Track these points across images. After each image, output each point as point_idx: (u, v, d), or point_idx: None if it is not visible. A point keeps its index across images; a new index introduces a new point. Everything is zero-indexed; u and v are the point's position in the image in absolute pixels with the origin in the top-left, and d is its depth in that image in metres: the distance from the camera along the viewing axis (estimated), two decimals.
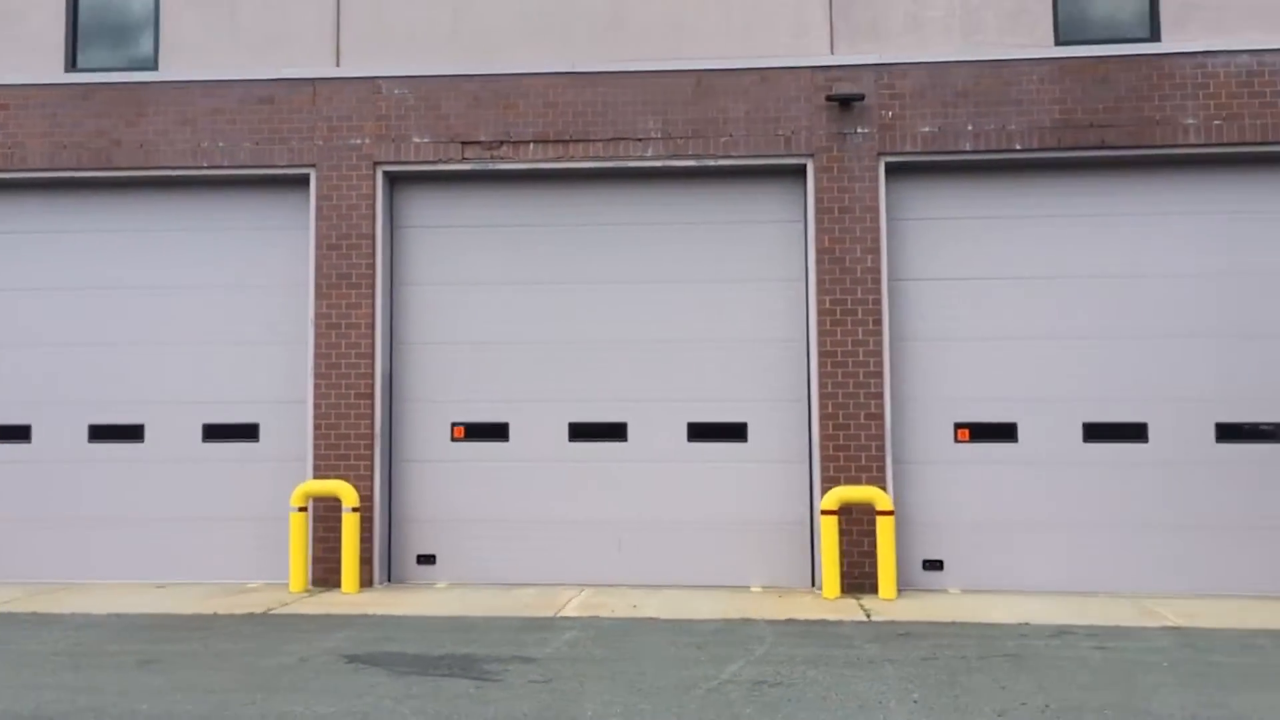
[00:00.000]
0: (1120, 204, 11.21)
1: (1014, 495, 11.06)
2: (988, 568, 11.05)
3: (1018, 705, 6.37)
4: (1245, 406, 10.89)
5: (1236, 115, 10.83)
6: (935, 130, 11.16)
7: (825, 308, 11.12)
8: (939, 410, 11.26)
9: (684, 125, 11.45)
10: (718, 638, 8.49)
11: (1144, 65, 10.98)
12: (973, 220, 11.38)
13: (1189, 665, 7.43)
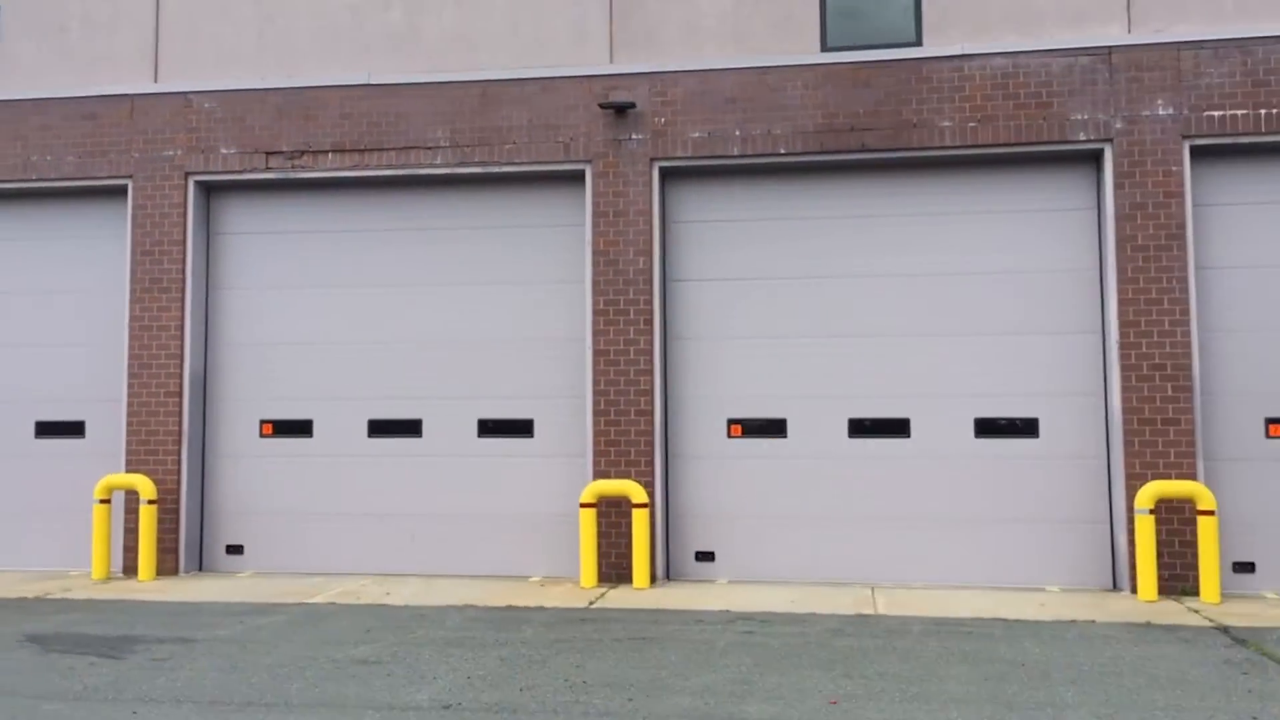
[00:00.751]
0: (881, 205, 11.54)
1: (781, 489, 11.44)
2: (753, 559, 11.46)
3: (575, 680, 6.83)
4: (1002, 402, 11.16)
5: (991, 117, 11.10)
6: (705, 136, 11.57)
7: (600, 308, 11.58)
8: (712, 407, 11.67)
9: (471, 134, 11.97)
10: (412, 622, 9.04)
11: (904, 69, 11.29)
12: (745, 223, 11.76)
13: (783, 648, 7.81)
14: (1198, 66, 10.77)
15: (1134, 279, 10.71)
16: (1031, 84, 11.07)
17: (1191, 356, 10.58)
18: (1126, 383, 10.64)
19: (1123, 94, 10.87)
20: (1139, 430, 10.59)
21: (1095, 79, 10.94)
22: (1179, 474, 10.49)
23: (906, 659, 7.56)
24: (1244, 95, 10.68)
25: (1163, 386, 10.59)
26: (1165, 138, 10.78)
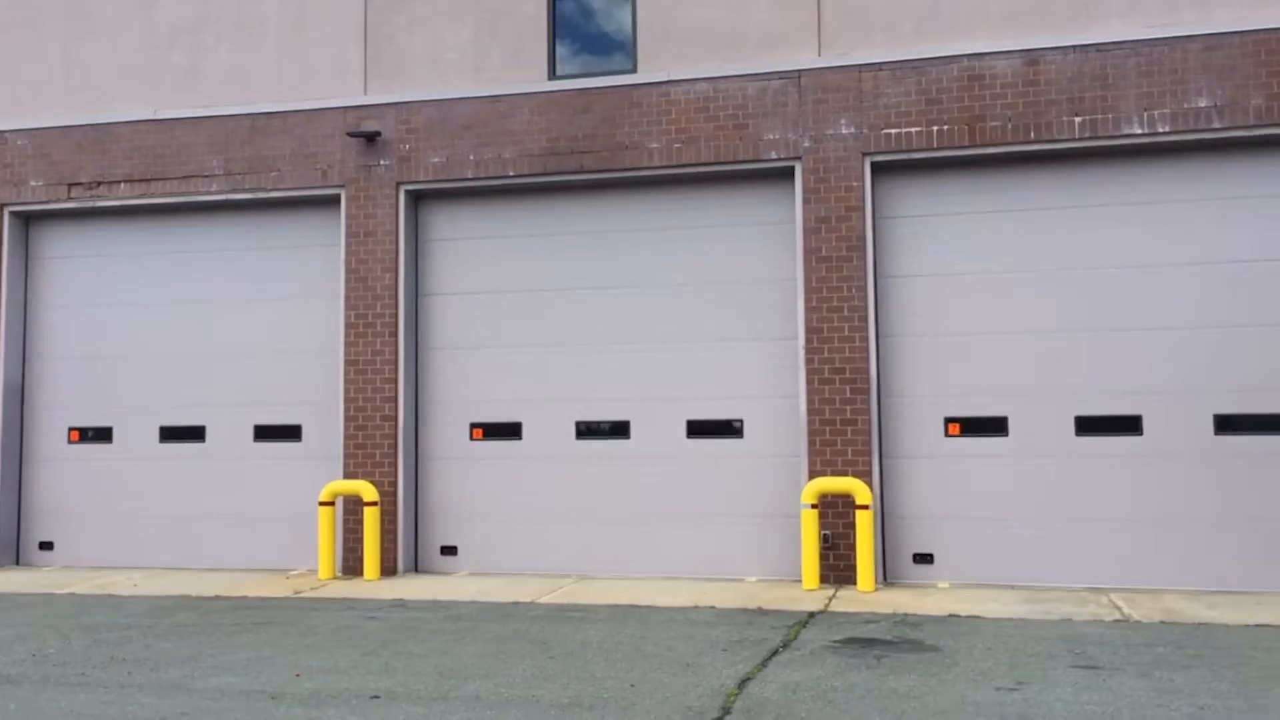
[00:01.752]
0: (601, 222, 12.43)
1: (520, 488, 12.39)
2: (495, 554, 12.42)
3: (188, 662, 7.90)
4: (713, 405, 11.96)
5: (694, 138, 11.92)
6: (443, 160, 12.56)
7: (351, 321, 12.65)
8: (458, 411, 12.68)
9: (242, 162, 13.12)
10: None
11: (618, 96, 12.15)
12: (484, 240, 12.74)
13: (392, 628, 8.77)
14: (877, 87, 11.47)
15: (818, 288, 11.46)
16: (729, 107, 11.86)
17: (869, 361, 11.30)
18: (811, 385, 11.40)
19: (810, 115, 11.61)
20: (820, 430, 11.34)
21: (786, 101, 11.70)
22: (855, 471, 11.22)
23: (433, 637, 8.47)
24: (918, 114, 11.36)
25: (842, 389, 11.33)
26: (847, 155, 11.50)
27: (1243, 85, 10.60)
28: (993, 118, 11.18)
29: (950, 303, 11.47)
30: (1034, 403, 11.19)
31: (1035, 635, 8.42)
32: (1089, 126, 10.93)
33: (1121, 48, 10.91)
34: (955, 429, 11.42)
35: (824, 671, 7.22)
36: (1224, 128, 10.64)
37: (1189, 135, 10.74)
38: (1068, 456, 11.09)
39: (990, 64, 11.22)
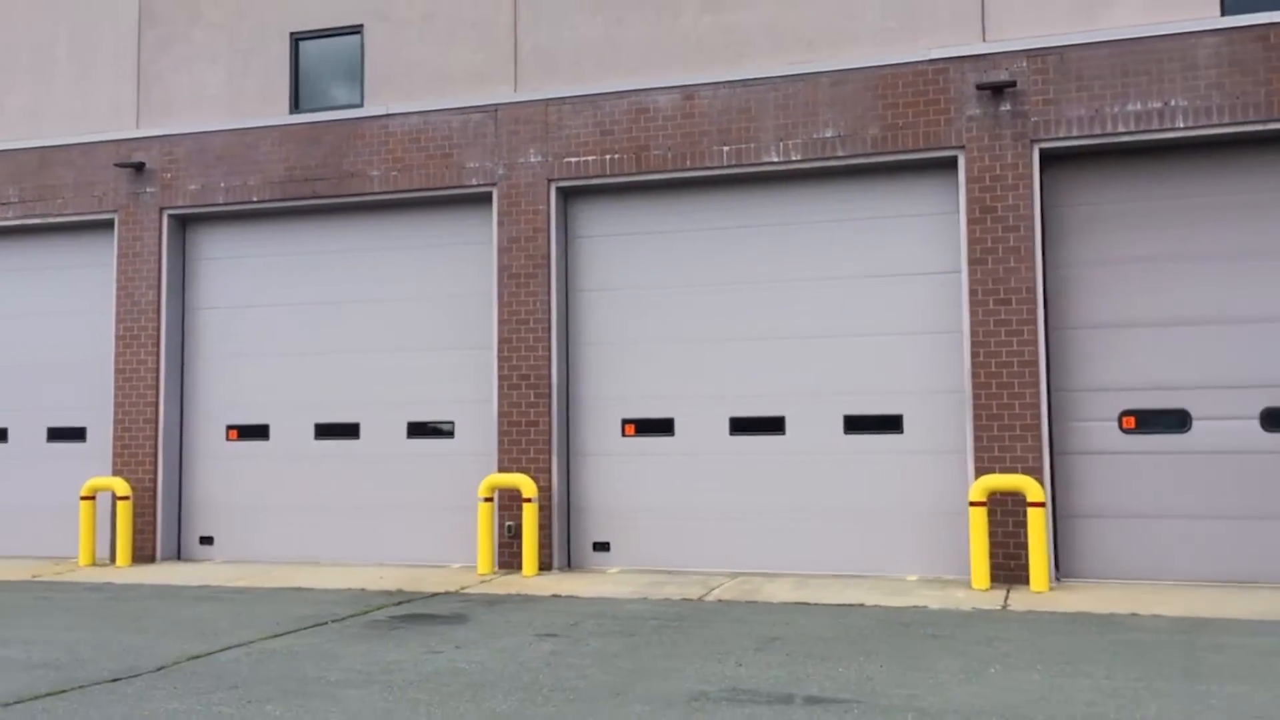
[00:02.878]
0: (334, 242, 13.80)
1: (267, 483, 13.80)
2: (250, 542, 13.84)
3: None
4: (427, 409, 13.29)
5: (409, 166, 13.26)
6: (199, 187, 14.01)
7: (120, 334, 14.13)
8: (214, 414, 14.11)
9: (34, 191, 14.65)
10: None
11: (346, 128, 13.52)
12: (237, 259, 14.17)
13: None
14: (560, 120, 12.74)
15: (509, 302, 12.75)
16: (438, 138, 13.18)
17: (551, 368, 12.56)
18: (501, 390, 12.69)
19: (505, 145, 12.91)
20: (509, 431, 12.64)
21: (485, 132, 13.00)
22: (536, 468, 12.50)
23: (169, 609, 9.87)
24: (594, 143, 12.61)
25: (528, 394, 12.61)
26: (535, 181, 12.78)
27: (862, 117, 11.75)
28: (656, 147, 12.41)
29: (629, 313, 12.70)
30: (697, 404, 12.40)
31: (585, 612, 9.66)
32: (735, 155, 12.13)
33: (764, 84, 12.08)
34: (631, 429, 12.65)
35: (329, 639, 8.54)
36: (846, 155, 11.79)
37: (818, 162, 11.90)
38: (724, 454, 12.28)
39: (654, 99, 12.44)
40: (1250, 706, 6.13)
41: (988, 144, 11.35)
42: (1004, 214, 11.26)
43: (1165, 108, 10.87)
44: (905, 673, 7.04)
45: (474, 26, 13.36)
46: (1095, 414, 11.27)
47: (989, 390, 11.18)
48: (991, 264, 11.26)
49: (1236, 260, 10.95)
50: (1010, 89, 11.27)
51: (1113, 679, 6.81)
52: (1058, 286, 11.42)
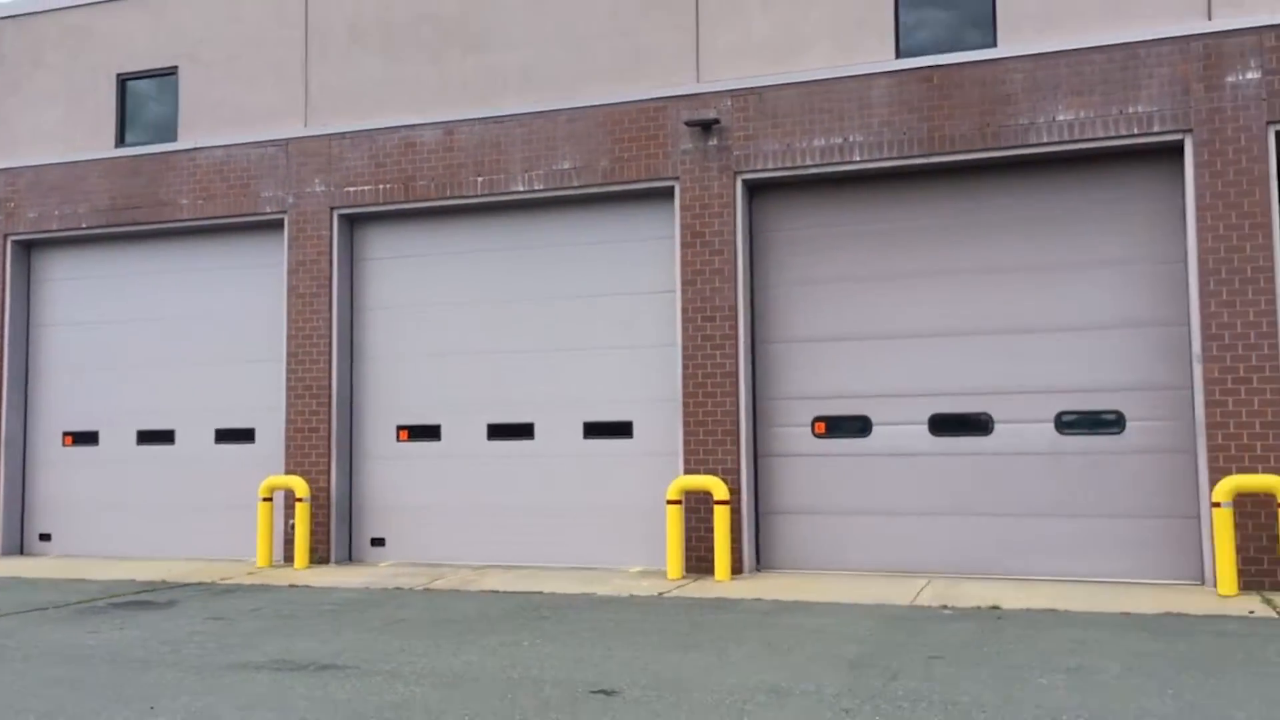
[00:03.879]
0: (157, 265, 15.19)
1: (100, 486, 15.21)
2: (89, 538, 15.25)
3: None
4: (230, 416, 14.65)
5: (214, 195, 14.63)
6: (37, 215, 15.45)
7: None
8: (53, 422, 15.55)
9: None
10: None
11: (161, 160, 14.92)
12: (77, 280, 15.58)
13: None
14: (342, 153, 14.07)
15: (296, 319, 14.09)
16: (238, 169, 14.55)
17: (332, 379, 13.88)
18: (289, 400, 14.03)
19: (295, 176, 14.25)
20: (294, 436, 13.98)
21: (279, 164, 14.35)
22: (316, 470, 13.84)
23: None
24: (369, 174, 13.93)
25: (310, 402, 13.95)
26: (320, 209, 14.11)
27: (594, 150, 12.99)
28: (421, 178, 13.71)
29: (405, 328, 14.01)
30: (459, 413, 13.69)
31: (291, 599, 10.98)
32: (488, 184, 13.41)
33: (513, 120, 13.35)
34: (405, 435, 13.96)
35: (21, 622, 9.90)
36: (581, 185, 13.03)
37: (557, 192, 13.14)
38: (483, 457, 13.56)
39: (421, 134, 13.74)
40: (689, 668, 7.34)
41: (698, 175, 12.56)
42: (711, 239, 12.47)
43: (845, 143, 12.04)
44: (438, 646, 8.30)
45: (272, 68, 14.71)
46: (792, 420, 12.46)
47: (696, 399, 12.39)
48: (700, 284, 12.46)
49: (909, 281, 12.09)
50: (716, 125, 12.47)
51: (614, 652, 8.05)
52: (762, 304, 12.62)
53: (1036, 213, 11.69)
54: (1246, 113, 10.72)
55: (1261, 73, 10.70)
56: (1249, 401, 10.55)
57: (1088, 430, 11.41)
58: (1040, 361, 11.59)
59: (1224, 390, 10.62)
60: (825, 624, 8.98)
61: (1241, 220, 10.66)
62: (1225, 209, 10.71)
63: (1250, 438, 10.53)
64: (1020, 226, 11.74)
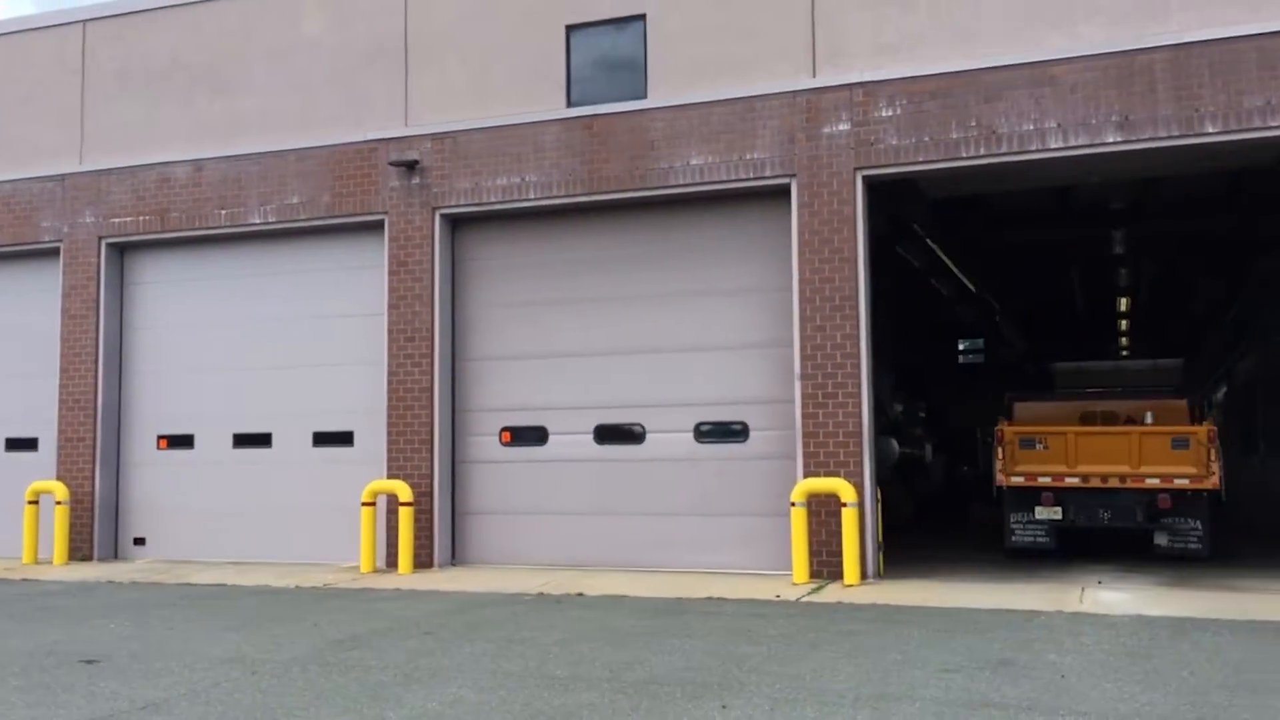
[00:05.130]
0: None
1: None
2: None
3: None
4: (18, 426, 16.14)
5: (2, 226, 16.13)
6: None
7: None
8: None
9: None
10: None
11: None
12: None
13: None
14: (109, 187, 15.58)
15: (68, 339, 15.61)
16: (24, 201, 16.07)
17: (97, 392, 15.40)
18: (61, 414, 15.56)
19: (70, 208, 15.77)
20: (64, 445, 15.51)
21: (56, 197, 15.87)
22: (82, 476, 15.35)
23: None
24: (132, 207, 15.45)
25: (78, 414, 15.46)
26: (90, 239, 15.63)
27: (319, 187, 14.50)
28: (174, 210, 15.23)
29: (162, 347, 15.52)
30: (210, 424, 15.19)
31: None
32: (230, 217, 14.93)
33: (252, 159, 14.85)
34: (164, 443, 15.47)
35: None
36: (307, 218, 14.54)
37: (289, 224, 14.65)
38: (229, 463, 15.07)
39: (174, 170, 15.27)
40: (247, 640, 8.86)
41: (403, 210, 14.08)
42: (413, 267, 13.99)
43: (522, 182, 13.55)
44: (75, 628, 9.83)
45: (56, 110, 16.19)
46: (484, 430, 13.98)
47: (398, 411, 13.91)
48: (404, 308, 13.98)
49: (580, 306, 13.61)
50: (418, 166, 13.99)
51: (242, 629, 9.58)
52: (460, 326, 14.13)
53: (679, 246, 13.22)
54: (838, 160, 12.24)
55: (851, 124, 12.22)
56: (835, 414, 12.06)
57: (720, 439, 12.93)
58: (683, 378, 13.11)
59: (816, 404, 12.14)
60: (432, 608, 10.48)
61: (833, 255, 12.18)
62: (820, 244, 12.23)
63: (835, 445, 12.04)
64: (666, 258, 13.27)
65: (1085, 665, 7.50)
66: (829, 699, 6.68)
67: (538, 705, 6.64)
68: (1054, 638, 8.54)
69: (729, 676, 7.33)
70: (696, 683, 7.16)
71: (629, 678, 7.33)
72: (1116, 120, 11.22)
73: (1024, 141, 11.56)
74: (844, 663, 7.67)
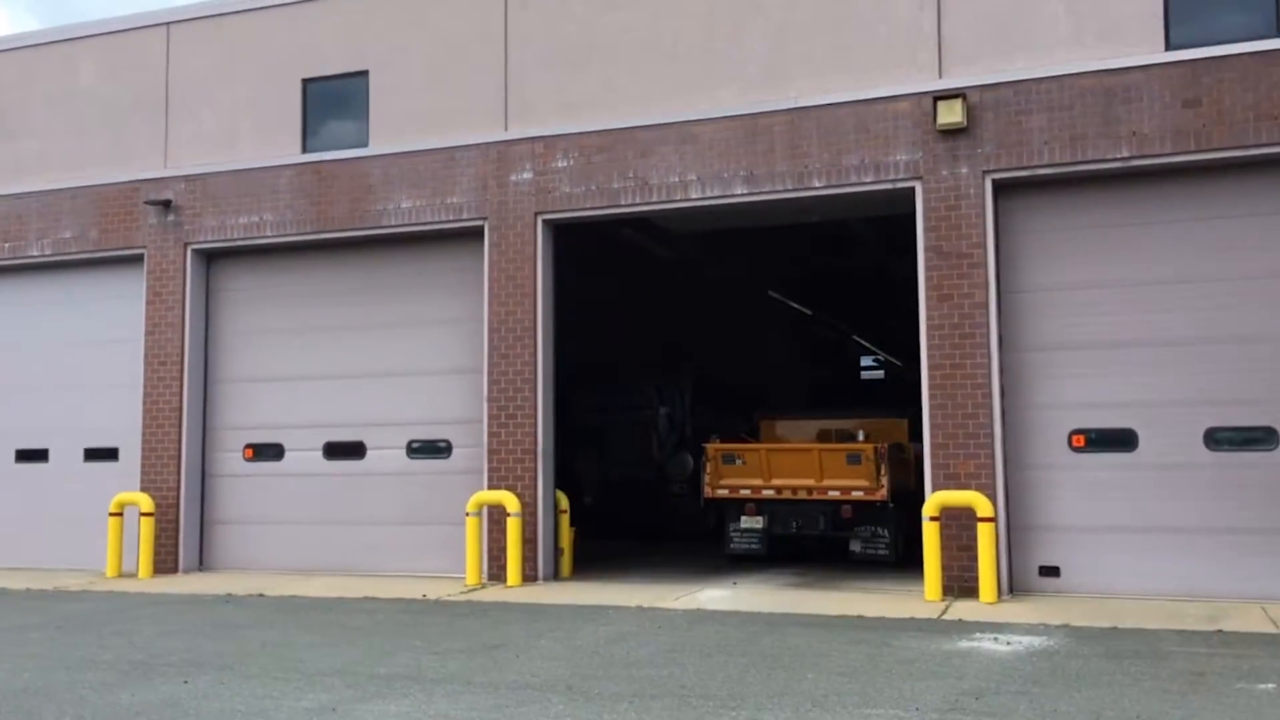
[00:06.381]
0: None
1: None
2: None
3: None
4: None
5: None
6: None
7: None
8: None
9: None
10: None
11: None
12: None
13: None
14: None
15: None
16: None
17: None
18: None
19: None
20: None
21: None
22: None
23: None
24: None
25: None
26: None
27: (87, 223, 15.86)
28: None
29: None
30: (60, 438, 16.33)
31: None
32: (11, 250, 16.29)
33: (31, 197, 16.20)
34: None
35: None
36: (78, 251, 15.91)
37: (63, 256, 16.01)
38: (74, 474, 16.32)
39: None
40: None
41: (160, 245, 15.47)
42: (167, 298, 15.38)
43: (260, 220, 14.98)
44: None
45: None
46: (230, 446, 15.38)
47: (151, 429, 15.30)
48: (158, 335, 15.36)
49: (314, 334, 15.03)
50: (172, 205, 15.37)
51: None
52: (214, 351, 15.53)
53: (396, 280, 14.68)
54: (522, 204, 13.73)
55: (533, 173, 13.71)
56: (515, 433, 13.53)
57: (428, 455, 14.38)
58: (399, 400, 14.55)
59: (499, 424, 13.60)
60: (113, 606, 11.84)
61: (516, 290, 13.66)
62: (506, 280, 13.71)
63: (514, 461, 13.51)
64: (385, 291, 14.72)
65: (568, 650, 8.94)
66: (295, 675, 8.06)
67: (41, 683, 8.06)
68: (587, 627, 9.99)
69: (225, 657, 8.73)
70: (186, 663, 8.54)
71: (141, 660, 8.70)
72: (744, 175, 12.76)
73: (671, 191, 13.08)
74: (357, 646, 9.10)
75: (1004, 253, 12.03)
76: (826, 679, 7.51)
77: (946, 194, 11.96)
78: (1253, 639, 8.90)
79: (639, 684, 7.48)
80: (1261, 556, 10.94)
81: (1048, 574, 11.68)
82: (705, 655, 8.43)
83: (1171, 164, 11.29)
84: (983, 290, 11.77)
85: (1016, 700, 6.87)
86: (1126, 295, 11.61)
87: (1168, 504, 11.31)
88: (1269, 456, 11.06)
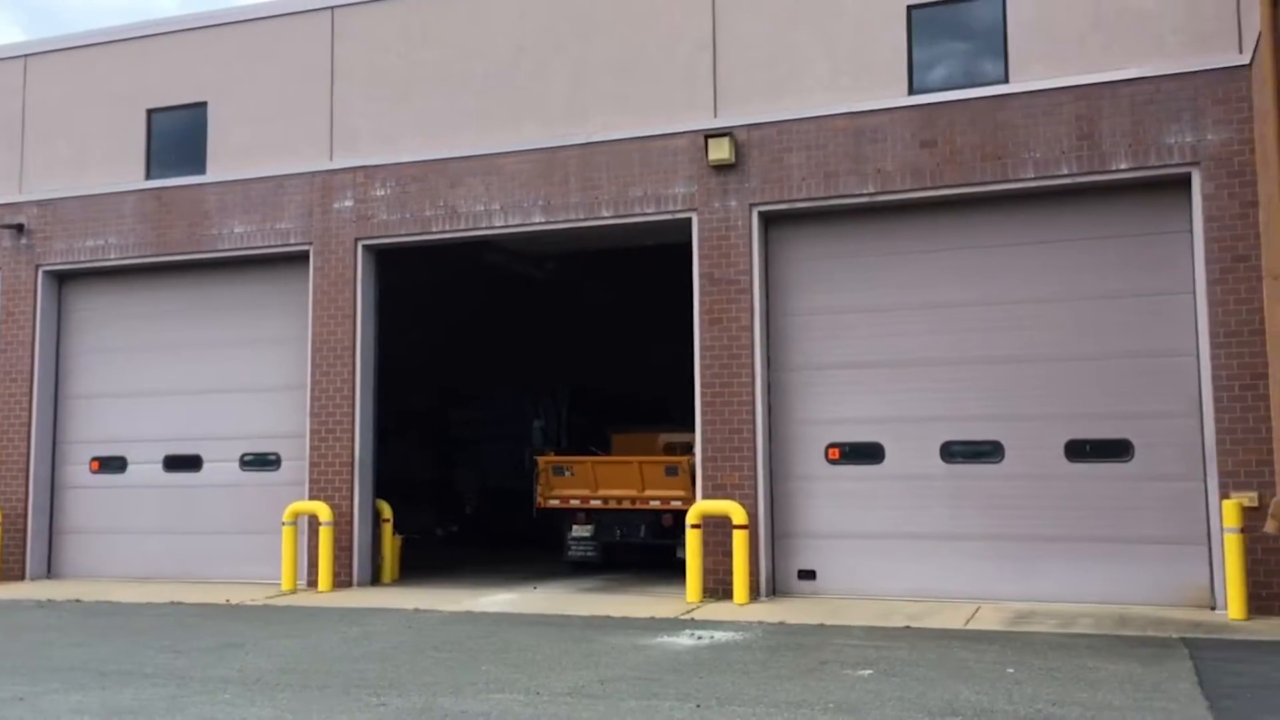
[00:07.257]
0: None
1: None
2: None
3: None
4: None
5: None
6: None
7: None
8: None
9: None
10: None
11: None
12: None
13: None
14: None
15: None
16: None
17: None
18: None
19: None
20: None
21: None
22: None
23: None
24: None
25: None
26: None
27: None
28: None
29: None
30: None
31: None
32: None
33: None
34: None
35: None
36: None
37: None
38: None
39: None
40: None
41: (13, 267, 16.25)
42: (19, 317, 16.16)
43: (105, 244, 15.79)
44: None
45: None
46: (78, 459, 16.21)
47: (0, 444, 16.04)
48: (10, 353, 16.16)
49: (161, 352, 15.83)
50: (24, 228, 16.15)
51: None
52: (65, 369, 16.31)
53: (231, 300, 15.53)
54: (344, 231, 14.59)
55: (354, 201, 14.58)
56: (334, 446, 14.37)
57: (259, 467, 15.20)
58: (233, 415, 15.37)
59: (320, 438, 14.45)
60: None
61: (338, 311, 14.52)
62: (329, 302, 14.56)
63: (333, 473, 14.35)
64: (222, 311, 15.58)
65: (299, 648, 9.75)
66: (22, 671, 8.87)
67: None
68: (340, 628, 10.83)
69: None
70: None
71: None
72: (541, 204, 13.67)
73: (476, 220, 13.97)
74: (112, 646, 9.92)
75: (773, 279, 12.98)
76: (499, 670, 8.38)
77: (719, 225, 12.91)
78: (929, 634, 9.84)
79: (326, 677, 8.32)
80: (985, 561, 11.92)
81: (805, 577, 12.63)
82: (419, 652, 9.29)
83: (910, 199, 12.30)
84: (748, 314, 12.72)
85: (635, 685, 7.76)
86: (878, 319, 12.59)
87: (909, 512, 12.29)
88: (996, 469, 12.04)
